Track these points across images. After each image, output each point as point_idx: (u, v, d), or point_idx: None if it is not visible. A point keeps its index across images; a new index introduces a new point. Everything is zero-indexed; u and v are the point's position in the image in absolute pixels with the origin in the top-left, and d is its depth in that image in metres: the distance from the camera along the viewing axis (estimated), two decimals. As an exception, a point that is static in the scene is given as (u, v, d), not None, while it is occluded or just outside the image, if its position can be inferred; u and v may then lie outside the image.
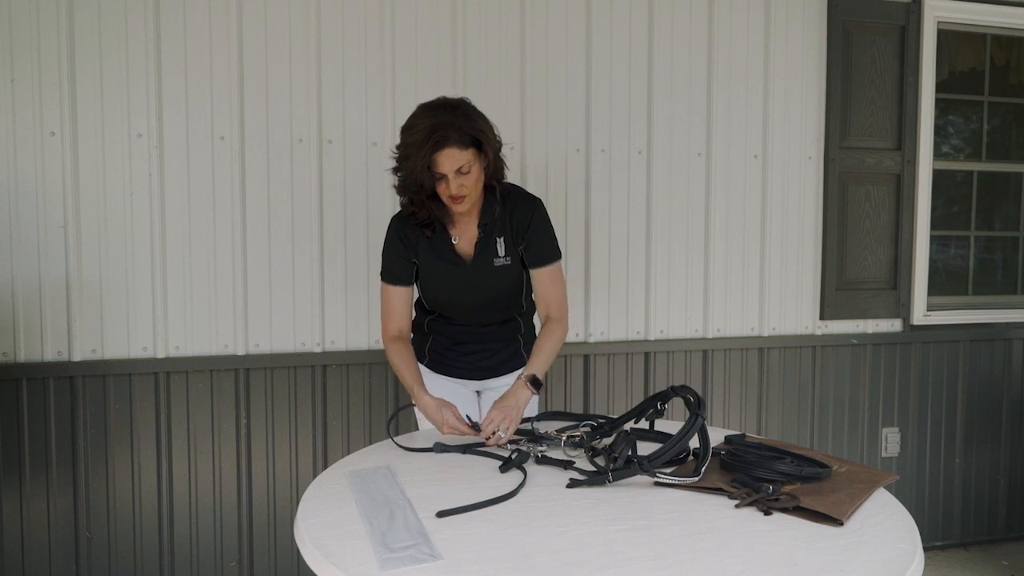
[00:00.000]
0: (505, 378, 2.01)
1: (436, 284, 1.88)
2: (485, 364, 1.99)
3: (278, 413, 2.47)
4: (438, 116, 1.68)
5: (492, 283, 1.87)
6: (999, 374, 3.17)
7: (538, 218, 1.87)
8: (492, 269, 1.85)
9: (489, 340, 1.97)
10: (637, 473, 1.35)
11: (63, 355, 2.28)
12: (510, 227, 1.85)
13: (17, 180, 2.22)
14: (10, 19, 2.20)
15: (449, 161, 1.69)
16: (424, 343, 2.02)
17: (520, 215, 1.85)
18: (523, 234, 1.85)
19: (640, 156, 2.73)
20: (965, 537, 3.18)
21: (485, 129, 1.74)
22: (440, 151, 1.67)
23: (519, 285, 1.91)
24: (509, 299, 1.93)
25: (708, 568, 1.04)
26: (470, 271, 1.85)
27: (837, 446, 3.01)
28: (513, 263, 1.87)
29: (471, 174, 1.72)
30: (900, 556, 1.09)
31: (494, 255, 1.85)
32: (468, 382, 2.03)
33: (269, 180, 2.41)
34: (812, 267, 2.93)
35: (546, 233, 1.88)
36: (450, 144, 1.67)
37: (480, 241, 1.84)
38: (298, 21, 2.40)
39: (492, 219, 1.84)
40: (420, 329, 2.02)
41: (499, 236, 1.85)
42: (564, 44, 2.63)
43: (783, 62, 2.85)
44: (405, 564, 1.05)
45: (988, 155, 3.22)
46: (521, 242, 1.86)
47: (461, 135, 1.68)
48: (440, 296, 1.90)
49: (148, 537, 2.39)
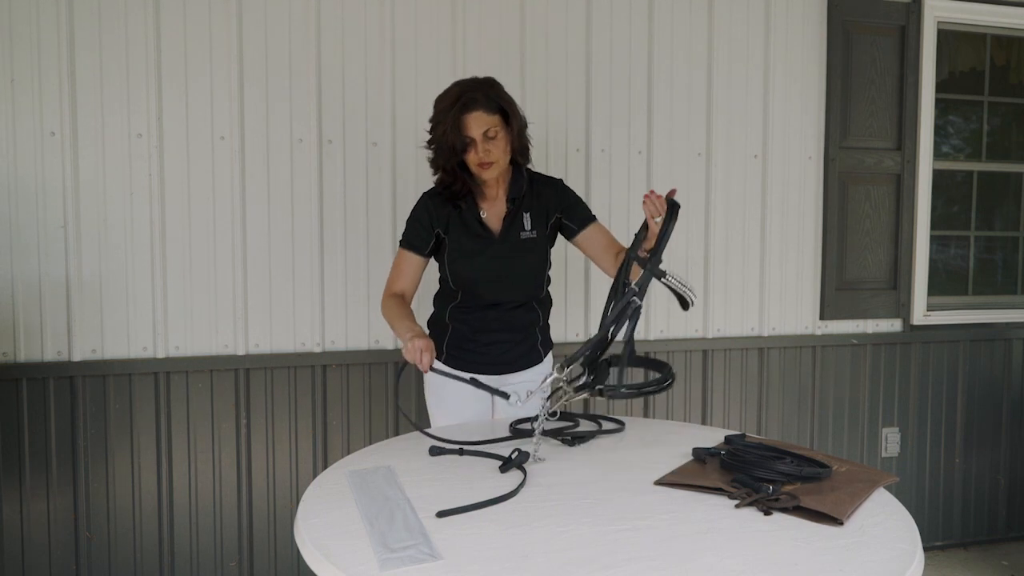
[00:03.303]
0: (521, 374, 2.03)
1: (464, 257, 1.95)
2: (504, 357, 2.01)
3: (278, 413, 2.47)
4: (467, 85, 1.85)
5: (518, 255, 1.95)
6: (999, 374, 3.17)
7: (570, 191, 2.04)
8: (519, 241, 1.95)
9: (509, 329, 2.00)
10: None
11: (63, 355, 2.28)
12: (537, 204, 1.97)
13: (17, 180, 2.22)
14: (10, 19, 2.20)
15: (476, 123, 1.82)
16: (443, 338, 2.03)
17: (548, 192, 1.99)
18: (556, 207, 1.98)
19: (640, 156, 2.73)
20: (965, 537, 3.18)
21: (511, 102, 1.88)
22: (468, 113, 1.82)
23: (542, 262, 2.00)
24: (532, 275, 1.99)
25: (708, 568, 1.04)
26: (498, 242, 1.94)
27: (837, 446, 3.01)
28: (539, 238, 1.97)
29: (498, 140, 1.84)
30: (900, 556, 1.09)
31: (521, 228, 1.95)
32: (483, 377, 2.03)
33: (269, 180, 2.41)
34: (812, 267, 2.93)
35: (581, 200, 2.04)
36: (477, 107, 1.82)
37: (509, 214, 1.94)
38: (298, 21, 2.40)
39: (520, 194, 1.94)
40: (440, 323, 2.05)
41: (526, 211, 1.96)
42: (564, 44, 2.63)
43: (783, 62, 2.85)
44: (405, 564, 1.05)
45: (988, 155, 3.23)
46: (553, 216, 1.98)
47: (488, 100, 1.83)
48: (467, 270, 1.96)
49: (148, 537, 2.39)
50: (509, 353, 2.02)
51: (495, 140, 1.84)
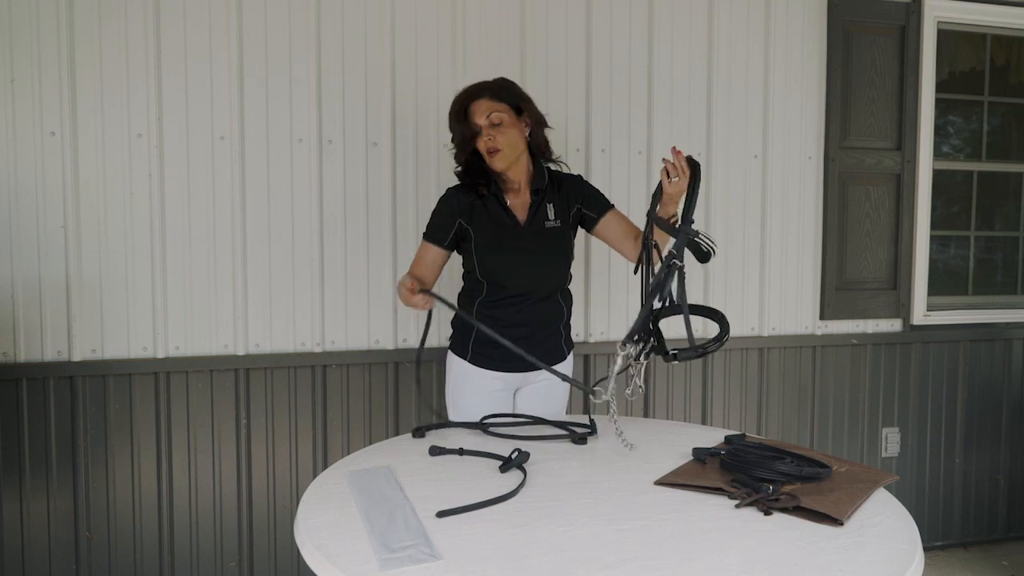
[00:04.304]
0: (544, 372, 2.02)
1: (491, 244, 2.00)
2: (533, 354, 1.99)
3: (278, 413, 2.47)
4: (481, 83, 1.97)
5: (543, 243, 2.01)
6: (999, 374, 3.17)
7: (587, 183, 2.12)
8: (544, 230, 2.01)
9: (534, 324, 2.03)
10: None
11: (63, 355, 2.28)
12: (560, 196, 2.04)
13: (17, 180, 2.22)
14: (10, 19, 2.20)
15: (480, 110, 1.92)
16: (468, 337, 2.05)
17: (568, 185, 2.07)
18: (577, 198, 2.06)
19: (640, 156, 2.73)
20: (965, 537, 3.18)
21: (525, 98, 1.98)
22: (473, 102, 1.93)
23: (567, 249, 2.07)
24: (557, 263, 2.05)
25: (708, 568, 1.04)
26: (523, 231, 2.00)
27: (837, 446, 3.01)
28: (563, 227, 2.04)
29: (504, 127, 1.91)
30: (900, 556, 1.09)
31: (545, 218, 2.02)
32: (509, 376, 2.05)
33: (269, 180, 2.41)
34: (812, 267, 2.93)
35: (599, 191, 2.11)
36: (484, 95, 1.93)
37: (533, 204, 2.01)
38: (298, 21, 2.40)
39: (542, 185, 2.02)
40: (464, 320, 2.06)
41: (549, 203, 2.03)
42: (564, 44, 2.63)
43: (783, 62, 2.85)
44: (405, 564, 1.05)
45: (988, 155, 3.22)
46: (574, 207, 2.05)
47: (496, 92, 1.94)
48: (494, 257, 1.99)
49: (148, 537, 2.39)
50: (535, 351, 2.00)
51: (500, 127, 1.91)
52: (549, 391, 2.10)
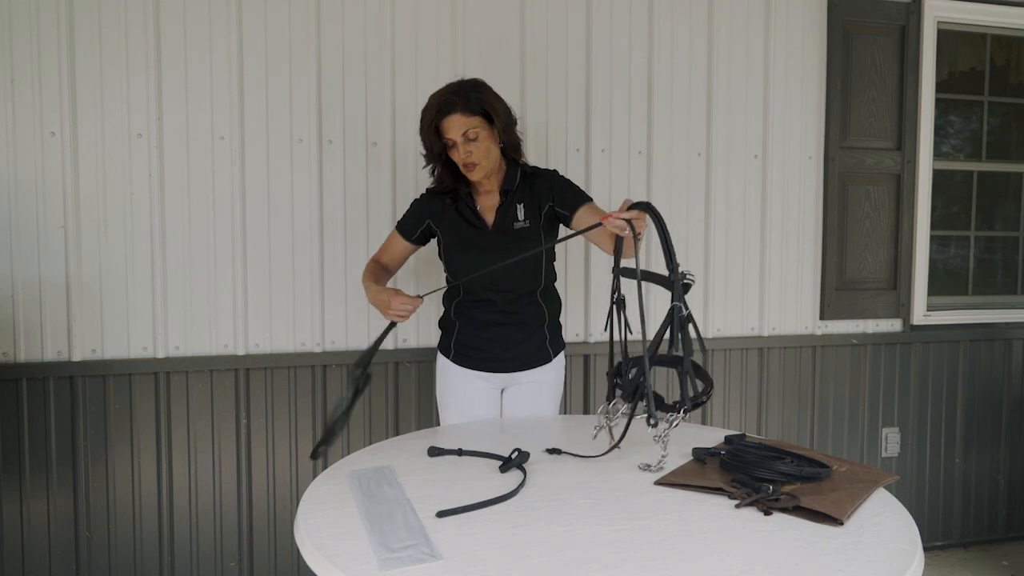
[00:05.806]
0: (531, 373, 2.04)
1: (459, 248, 2.00)
2: (511, 354, 2.02)
3: (278, 413, 2.47)
4: (447, 89, 1.90)
5: (511, 244, 1.96)
6: (999, 374, 3.17)
7: (561, 178, 2.03)
8: (512, 232, 1.98)
9: (511, 324, 2.02)
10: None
11: (63, 355, 2.28)
12: (531, 195, 1.99)
13: (17, 180, 2.22)
14: (10, 19, 2.20)
15: (455, 126, 1.86)
16: (450, 336, 2.06)
17: (540, 182, 2.00)
18: (549, 196, 1.99)
19: (640, 156, 2.73)
20: (965, 537, 3.18)
21: (494, 102, 1.90)
22: (445, 117, 1.86)
23: (539, 254, 2.02)
24: (529, 263, 1.98)
25: (708, 568, 1.04)
26: (491, 233, 1.98)
27: (837, 446, 3.01)
28: (532, 228, 1.98)
29: (479, 141, 1.87)
30: (900, 556, 1.09)
31: (514, 219, 1.98)
32: (493, 376, 2.05)
33: (269, 180, 2.41)
34: (812, 267, 2.93)
35: (572, 186, 2.02)
36: (456, 110, 1.85)
37: (501, 207, 1.99)
38: (298, 21, 2.40)
39: (513, 187, 1.98)
40: (447, 320, 2.09)
41: (519, 203, 1.99)
42: (564, 44, 2.63)
43: (783, 62, 2.84)
44: (405, 564, 1.05)
45: (988, 155, 3.22)
46: (545, 205, 1.99)
47: (467, 103, 1.86)
48: (461, 262, 1.99)
49: (148, 537, 2.39)
50: (514, 350, 2.02)
51: (476, 141, 1.88)
52: (536, 393, 2.07)
